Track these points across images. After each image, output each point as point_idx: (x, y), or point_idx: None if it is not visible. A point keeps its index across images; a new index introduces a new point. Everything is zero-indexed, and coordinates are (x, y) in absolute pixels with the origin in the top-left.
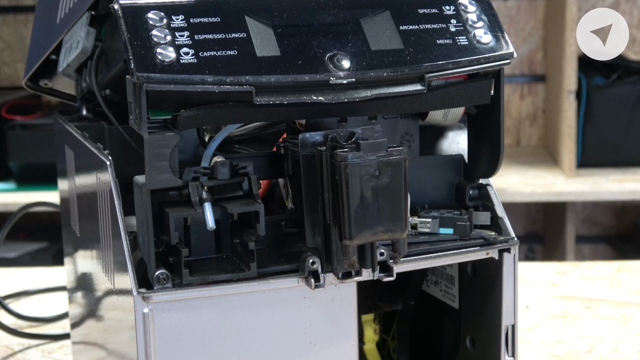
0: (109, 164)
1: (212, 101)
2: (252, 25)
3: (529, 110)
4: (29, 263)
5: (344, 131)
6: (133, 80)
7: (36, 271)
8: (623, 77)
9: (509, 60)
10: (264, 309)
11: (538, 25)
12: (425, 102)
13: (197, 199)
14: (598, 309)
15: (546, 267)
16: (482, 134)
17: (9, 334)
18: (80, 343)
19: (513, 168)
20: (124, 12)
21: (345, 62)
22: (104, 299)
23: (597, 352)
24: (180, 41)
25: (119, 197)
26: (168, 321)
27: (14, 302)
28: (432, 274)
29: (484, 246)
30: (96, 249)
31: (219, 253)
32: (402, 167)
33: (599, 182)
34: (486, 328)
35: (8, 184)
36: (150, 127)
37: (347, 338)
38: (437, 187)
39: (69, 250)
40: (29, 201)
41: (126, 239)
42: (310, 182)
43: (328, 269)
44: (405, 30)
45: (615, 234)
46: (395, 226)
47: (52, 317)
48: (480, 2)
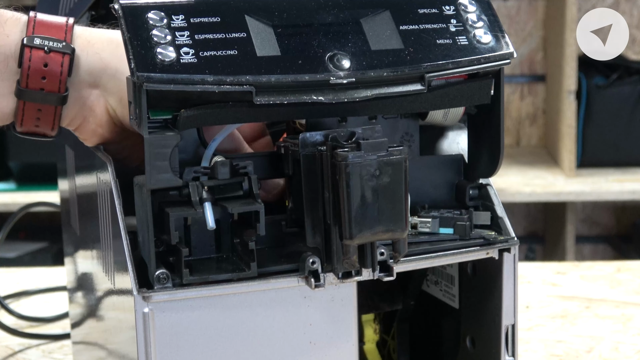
0: (109, 163)
1: (212, 101)
2: (252, 25)
3: (529, 110)
4: (29, 263)
5: (345, 131)
6: (133, 79)
7: (36, 271)
8: (623, 77)
9: (509, 60)
10: (264, 309)
11: (538, 25)
12: (425, 102)
13: (198, 198)
14: (598, 309)
15: (546, 267)
16: (482, 134)
17: (9, 334)
18: (81, 343)
19: (513, 168)
20: (124, 12)
21: (345, 62)
22: (104, 299)
23: (597, 352)
24: (181, 41)
25: (119, 197)
26: (168, 321)
27: (14, 302)
28: (432, 273)
29: (484, 246)
30: (96, 249)
31: (219, 253)
32: (403, 166)
33: (599, 182)
34: (486, 328)
35: (8, 184)
36: (150, 126)
37: (347, 338)
38: (437, 187)
39: (69, 250)
40: (29, 201)
41: (126, 238)
42: (311, 181)
43: (328, 268)
44: (406, 30)
45: (615, 234)
46: (395, 226)
47: (52, 317)
48: (480, 2)
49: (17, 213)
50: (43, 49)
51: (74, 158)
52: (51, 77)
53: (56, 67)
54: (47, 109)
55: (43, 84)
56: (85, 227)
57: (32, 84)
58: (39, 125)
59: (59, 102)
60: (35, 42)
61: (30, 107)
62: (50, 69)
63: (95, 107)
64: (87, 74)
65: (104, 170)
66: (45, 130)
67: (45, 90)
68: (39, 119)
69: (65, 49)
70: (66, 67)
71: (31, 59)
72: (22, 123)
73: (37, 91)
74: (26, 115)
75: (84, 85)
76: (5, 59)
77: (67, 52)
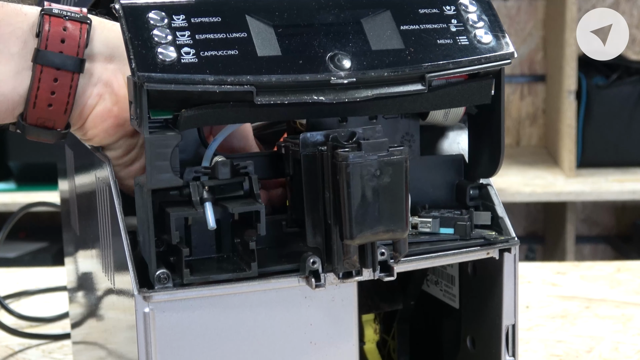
0: (108, 163)
1: (213, 101)
2: (253, 25)
3: (529, 110)
4: (29, 263)
5: (345, 131)
6: (134, 79)
7: (36, 271)
8: (623, 77)
9: (509, 60)
10: (264, 309)
11: (538, 25)
12: (425, 102)
13: (198, 198)
14: (598, 309)
15: (546, 267)
16: (483, 134)
17: (9, 334)
18: (81, 343)
19: (513, 168)
20: (125, 12)
21: (346, 62)
22: (105, 299)
23: (597, 352)
24: (181, 41)
25: (118, 197)
26: (168, 321)
27: (14, 302)
28: (433, 273)
29: (484, 246)
30: (96, 249)
31: (220, 253)
32: (403, 166)
33: (599, 182)
34: (486, 328)
35: (8, 184)
36: (151, 126)
37: (347, 338)
38: (438, 187)
39: (69, 250)
40: (29, 201)
41: (126, 238)
42: (311, 181)
43: (329, 268)
44: (406, 30)
45: (615, 234)
46: (396, 226)
47: (52, 317)
48: (481, 2)
49: (17, 213)
50: (62, 17)
51: (73, 158)
52: (70, 40)
53: (75, 32)
54: (64, 78)
55: (62, 46)
56: (85, 227)
57: (51, 46)
58: (53, 105)
59: (76, 68)
60: (54, 11)
61: (47, 76)
62: (69, 33)
63: (113, 81)
64: (104, 46)
65: (103, 169)
66: (56, 117)
67: (64, 52)
68: (54, 93)
69: (83, 19)
70: (84, 35)
71: (50, 24)
72: (36, 104)
73: (56, 53)
74: (41, 89)
75: (101, 58)
76: (23, 34)
77: (86, 21)
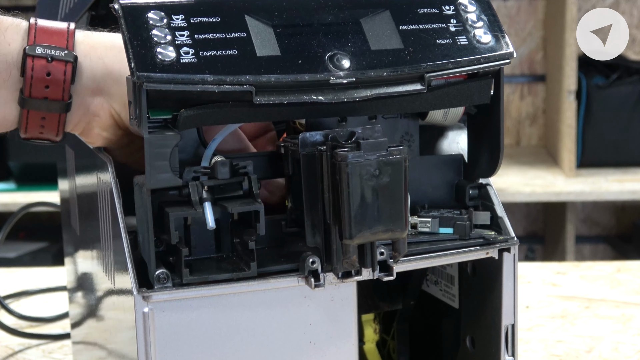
0: (109, 163)
1: (212, 101)
2: (252, 24)
3: (529, 110)
4: (29, 263)
5: (344, 131)
6: (133, 79)
7: (36, 271)
8: (623, 77)
9: (508, 60)
10: (264, 309)
11: (538, 25)
12: (425, 101)
13: (197, 198)
14: (598, 309)
15: (546, 267)
16: (482, 134)
17: (9, 334)
18: (81, 343)
19: (513, 168)
20: (124, 12)
21: (345, 62)
22: (104, 299)
23: (597, 352)
24: (181, 41)
25: (119, 197)
26: (168, 321)
27: (14, 302)
28: (432, 273)
29: (483, 246)
30: (96, 249)
31: (219, 252)
32: (402, 166)
33: (599, 182)
34: (486, 328)
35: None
36: (150, 126)
37: (347, 338)
38: (437, 186)
39: (69, 250)
40: (29, 201)
41: (126, 238)
42: (311, 181)
43: (328, 268)
44: (405, 30)
45: (615, 234)
46: (395, 226)
47: (52, 317)
48: (480, 2)
49: (17, 213)
50: (45, 58)
51: (74, 158)
52: (54, 86)
53: (59, 75)
54: (51, 116)
55: (46, 92)
56: (85, 227)
57: (36, 92)
58: (44, 132)
59: (62, 110)
60: (37, 51)
61: (34, 115)
62: (53, 77)
63: (100, 112)
64: (91, 80)
65: (104, 170)
66: (49, 136)
67: (48, 98)
68: (43, 126)
69: (67, 57)
70: (69, 75)
71: (34, 68)
72: (27, 130)
73: (41, 99)
74: (30, 122)
75: (88, 91)
76: (8, 67)
77: (70, 60)
